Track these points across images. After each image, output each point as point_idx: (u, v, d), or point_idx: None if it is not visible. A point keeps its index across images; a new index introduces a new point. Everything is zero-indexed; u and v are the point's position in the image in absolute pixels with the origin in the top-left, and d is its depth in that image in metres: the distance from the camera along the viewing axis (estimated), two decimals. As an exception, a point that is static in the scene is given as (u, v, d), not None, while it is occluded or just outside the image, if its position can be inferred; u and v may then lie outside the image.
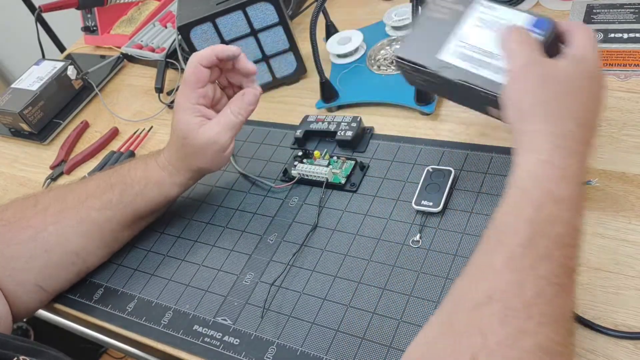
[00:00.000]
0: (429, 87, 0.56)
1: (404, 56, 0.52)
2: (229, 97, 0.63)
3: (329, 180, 0.63)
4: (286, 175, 0.67)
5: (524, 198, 0.39)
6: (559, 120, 0.40)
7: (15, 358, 0.42)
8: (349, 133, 0.66)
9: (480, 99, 0.49)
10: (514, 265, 0.36)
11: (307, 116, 0.71)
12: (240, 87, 0.62)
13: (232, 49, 0.59)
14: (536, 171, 0.39)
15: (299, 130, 0.69)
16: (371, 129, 0.68)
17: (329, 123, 0.68)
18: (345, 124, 0.67)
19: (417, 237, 0.56)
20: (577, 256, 0.39)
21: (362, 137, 0.68)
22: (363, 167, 0.64)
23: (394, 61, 0.55)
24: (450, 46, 0.50)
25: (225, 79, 0.63)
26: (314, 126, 0.69)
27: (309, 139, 0.71)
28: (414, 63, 0.51)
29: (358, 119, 0.68)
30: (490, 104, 0.49)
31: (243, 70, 0.60)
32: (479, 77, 0.48)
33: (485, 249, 0.39)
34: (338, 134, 0.67)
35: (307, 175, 0.64)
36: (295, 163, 0.66)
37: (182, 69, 0.85)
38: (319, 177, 0.63)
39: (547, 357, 0.34)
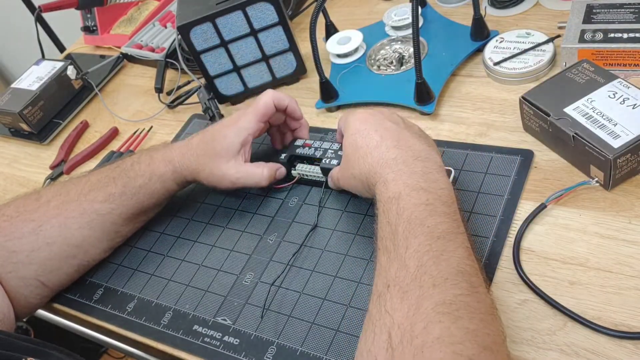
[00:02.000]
0: (541, 134, 0.59)
1: (532, 100, 0.58)
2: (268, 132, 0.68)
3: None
4: (286, 175, 0.67)
5: (378, 214, 0.49)
6: (369, 166, 0.52)
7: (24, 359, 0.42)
8: (334, 162, 0.61)
9: (589, 156, 0.53)
10: (393, 256, 0.44)
11: (294, 139, 0.67)
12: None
13: (298, 112, 0.65)
14: (376, 195, 0.50)
15: (284, 155, 0.65)
16: None
17: (316, 149, 0.64)
18: (332, 151, 0.62)
19: (417, 237, 0.56)
20: (443, 220, 0.45)
21: None
22: None
23: (519, 102, 0.59)
24: (579, 104, 0.55)
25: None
26: (299, 151, 0.65)
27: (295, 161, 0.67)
28: (538, 108, 0.57)
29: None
30: (595, 163, 0.52)
31: (292, 127, 0.67)
32: (594, 136, 0.52)
33: (376, 258, 0.47)
34: (323, 161, 0.62)
35: (307, 176, 0.64)
36: (295, 163, 0.66)
37: (182, 69, 0.85)
38: (319, 177, 0.63)
39: (448, 309, 0.39)
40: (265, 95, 0.63)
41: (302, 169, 0.64)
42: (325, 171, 0.62)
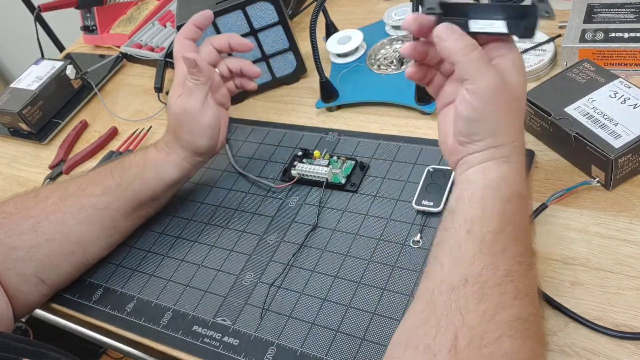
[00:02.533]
0: (542, 134, 0.59)
1: (533, 99, 0.57)
2: (230, 92, 0.65)
3: (329, 180, 0.63)
4: (286, 175, 0.66)
5: (494, 195, 0.42)
6: (518, 133, 0.45)
7: None
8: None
9: (590, 156, 0.53)
10: (487, 250, 0.40)
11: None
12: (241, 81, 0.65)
13: (204, 12, 0.62)
14: (507, 174, 0.43)
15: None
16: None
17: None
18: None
19: (418, 237, 0.56)
20: (532, 240, 0.44)
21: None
22: (363, 167, 0.64)
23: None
24: (579, 104, 0.55)
25: (225, 68, 0.63)
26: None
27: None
28: (539, 107, 0.56)
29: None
30: (596, 163, 0.52)
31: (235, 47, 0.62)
32: (595, 136, 0.52)
33: (453, 239, 0.42)
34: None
35: (307, 175, 0.64)
36: (295, 163, 0.66)
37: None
38: (319, 177, 0.63)
39: (522, 325, 0.38)
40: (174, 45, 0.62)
41: (302, 169, 0.64)
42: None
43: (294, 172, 0.65)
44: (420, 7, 0.44)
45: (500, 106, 0.42)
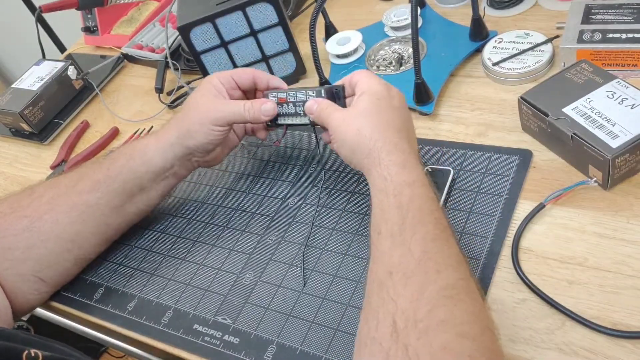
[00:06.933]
0: (539, 134, 0.60)
1: (530, 100, 0.58)
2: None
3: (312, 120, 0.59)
4: (276, 122, 0.63)
5: (385, 195, 0.48)
6: (384, 133, 0.52)
7: (27, 351, 0.41)
8: None
9: (587, 156, 0.53)
10: (398, 241, 0.45)
11: (266, 94, 0.62)
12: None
13: (275, 82, 0.63)
14: (386, 173, 0.50)
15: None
16: (341, 87, 0.59)
17: (295, 105, 0.60)
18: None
19: (416, 237, 0.56)
20: (444, 216, 0.48)
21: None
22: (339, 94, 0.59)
23: (518, 102, 0.60)
24: (577, 105, 0.55)
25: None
26: (280, 110, 0.61)
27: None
28: (537, 108, 0.57)
29: (322, 91, 0.58)
30: (594, 163, 0.52)
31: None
32: (592, 136, 0.52)
33: (374, 245, 0.47)
34: (310, 117, 0.59)
35: (293, 123, 0.61)
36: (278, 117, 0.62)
37: (182, 70, 0.85)
38: (305, 122, 0.60)
39: (451, 292, 0.41)
40: (244, 69, 0.64)
41: (286, 120, 0.61)
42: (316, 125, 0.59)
43: (279, 122, 0.62)
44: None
45: (347, 135, 0.53)
